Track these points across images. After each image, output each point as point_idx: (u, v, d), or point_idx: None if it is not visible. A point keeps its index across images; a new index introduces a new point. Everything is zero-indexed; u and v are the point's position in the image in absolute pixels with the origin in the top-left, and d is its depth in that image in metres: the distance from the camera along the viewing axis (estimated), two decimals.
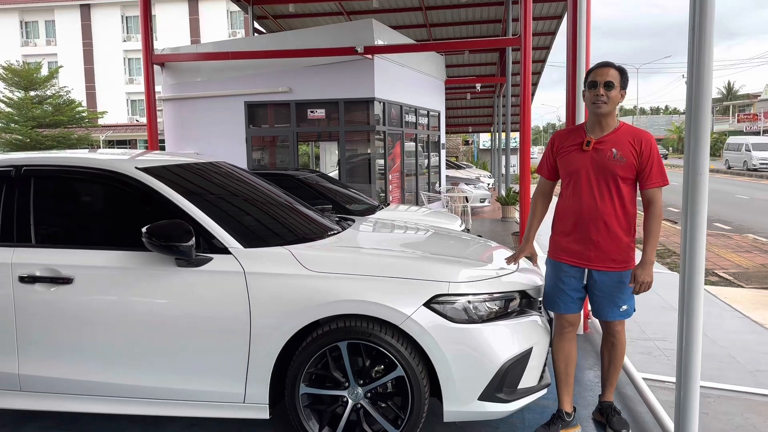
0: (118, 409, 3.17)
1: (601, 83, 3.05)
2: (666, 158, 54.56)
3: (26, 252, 3.19)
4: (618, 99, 3.10)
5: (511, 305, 3.13)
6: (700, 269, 2.44)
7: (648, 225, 3.09)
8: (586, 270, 3.18)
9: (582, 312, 3.36)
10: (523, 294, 3.23)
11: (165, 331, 3.05)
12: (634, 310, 3.26)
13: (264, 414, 3.07)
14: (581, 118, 4.59)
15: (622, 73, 3.12)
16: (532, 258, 3.53)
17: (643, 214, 3.16)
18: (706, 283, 9.50)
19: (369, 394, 3.03)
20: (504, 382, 2.97)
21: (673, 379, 4.40)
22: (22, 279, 3.13)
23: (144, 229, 2.93)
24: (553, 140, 3.32)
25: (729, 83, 71.60)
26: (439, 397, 3.00)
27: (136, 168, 3.28)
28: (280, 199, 4.02)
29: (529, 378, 3.09)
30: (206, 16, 43.49)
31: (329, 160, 15.14)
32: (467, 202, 13.24)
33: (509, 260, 3.41)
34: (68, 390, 3.17)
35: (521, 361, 3.02)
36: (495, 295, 3.07)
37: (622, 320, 3.27)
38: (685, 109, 2.51)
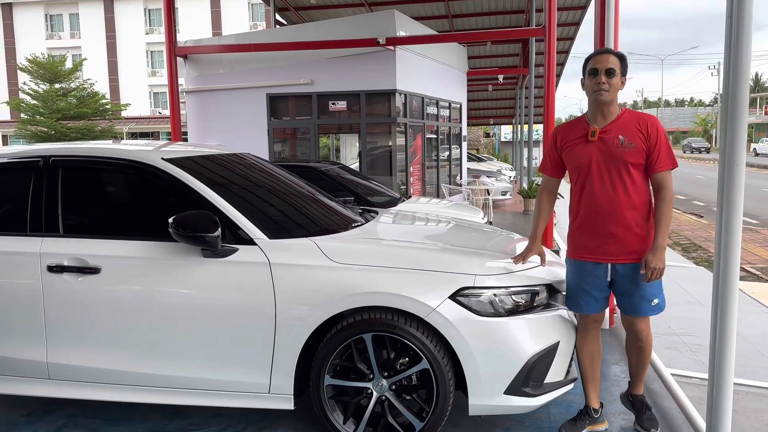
0: (143, 398, 3.20)
1: (602, 70, 2.96)
2: (708, 152, 53.19)
3: (54, 242, 3.22)
4: (619, 86, 3.00)
5: (537, 299, 3.09)
6: (735, 263, 2.38)
7: (659, 210, 2.97)
8: (609, 265, 3.05)
9: (607, 308, 3.24)
10: (549, 287, 3.19)
11: (191, 321, 3.06)
12: (665, 305, 3.11)
13: (288, 405, 3.08)
14: None
15: (622, 59, 3.02)
16: (541, 258, 3.30)
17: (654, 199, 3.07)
18: None
19: (394, 387, 3.02)
20: (530, 376, 2.94)
21: (701, 375, 4.37)
22: (50, 268, 3.17)
23: (171, 220, 2.94)
24: (555, 135, 3.21)
25: (756, 75, 70.22)
26: (464, 390, 2.98)
27: (163, 159, 3.29)
28: (304, 190, 4.02)
29: (556, 372, 3.05)
30: (228, 9, 43.68)
31: (349, 153, 15.14)
32: (488, 194, 13.15)
33: (516, 260, 3.22)
34: (95, 379, 3.21)
35: (548, 355, 2.99)
36: (521, 288, 3.04)
37: (647, 318, 3.12)
38: (720, 99, 2.44)
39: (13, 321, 3.22)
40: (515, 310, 2.98)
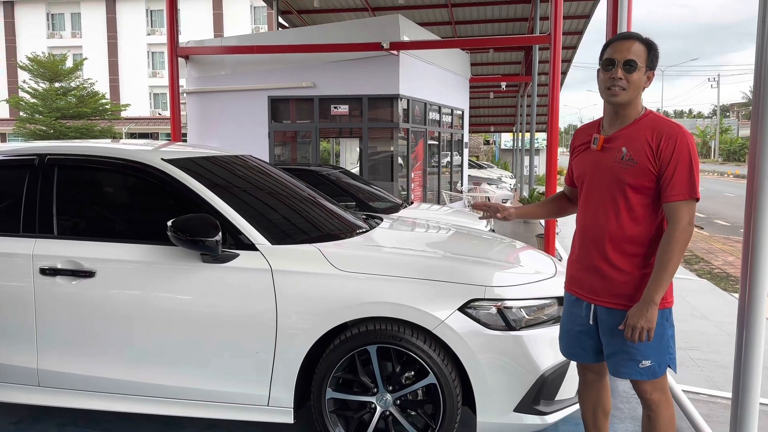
0: (137, 408, 3.07)
1: (619, 62, 2.28)
2: None
3: (48, 243, 3.10)
4: (642, 84, 2.32)
5: (549, 312, 2.98)
6: (763, 279, 2.27)
7: (660, 249, 2.26)
8: (593, 306, 2.44)
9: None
10: (560, 300, 3.07)
11: (188, 328, 2.94)
12: (669, 366, 2.37)
13: (288, 418, 2.96)
14: None
15: (650, 48, 2.32)
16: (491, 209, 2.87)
17: None
18: (728, 289, 9.23)
19: (398, 401, 2.90)
20: (542, 392, 2.82)
21: (710, 392, 4.27)
22: (43, 271, 3.04)
23: (169, 223, 2.83)
24: (574, 137, 2.66)
25: None
26: (471, 406, 2.86)
27: (162, 159, 3.17)
28: (307, 195, 3.91)
29: (568, 389, 2.94)
30: (230, 11, 43.62)
31: (349, 157, 15.04)
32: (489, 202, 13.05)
33: (475, 205, 2.84)
34: (87, 387, 3.08)
35: (560, 370, 2.88)
36: (532, 301, 2.93)
37: (650, 381, 2.35)
38: (751, 99, 2.32)
39: (2, 325, 3.10)
40: (526, 324, 2.86)
